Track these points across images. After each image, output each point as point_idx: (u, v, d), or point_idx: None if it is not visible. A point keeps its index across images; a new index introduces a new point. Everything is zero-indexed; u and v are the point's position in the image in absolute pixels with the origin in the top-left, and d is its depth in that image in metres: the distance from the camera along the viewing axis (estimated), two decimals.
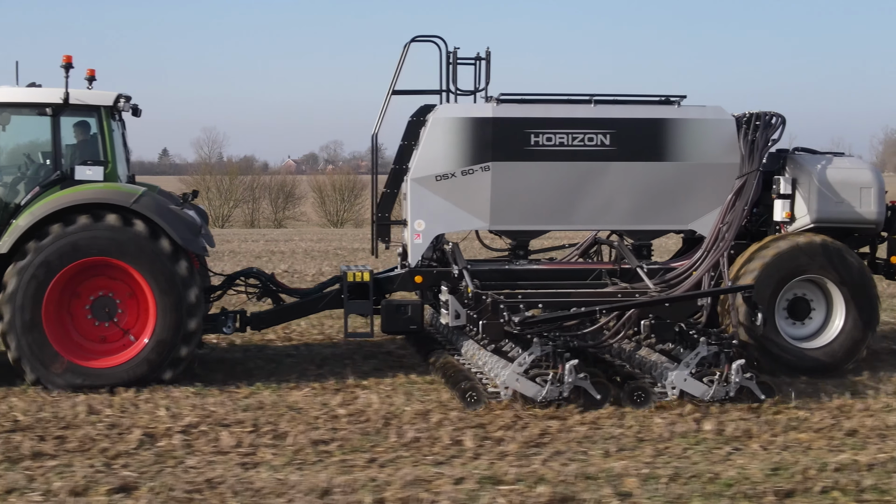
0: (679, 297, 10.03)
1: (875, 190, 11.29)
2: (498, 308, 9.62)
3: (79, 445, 8.20)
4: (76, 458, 7.90)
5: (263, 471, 7.57)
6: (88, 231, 10.01)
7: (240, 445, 8.22)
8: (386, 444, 8.31)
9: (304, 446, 8.21)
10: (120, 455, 7.97)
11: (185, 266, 10.12)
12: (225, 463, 7.79)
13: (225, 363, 11.56)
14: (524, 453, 8.10)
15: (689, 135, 11.14)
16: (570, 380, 9.37)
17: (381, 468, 7.70)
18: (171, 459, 7.87)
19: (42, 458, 7.86)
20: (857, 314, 10.95)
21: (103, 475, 7.42)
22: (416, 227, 11.03)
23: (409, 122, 11.32)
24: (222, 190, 46.12)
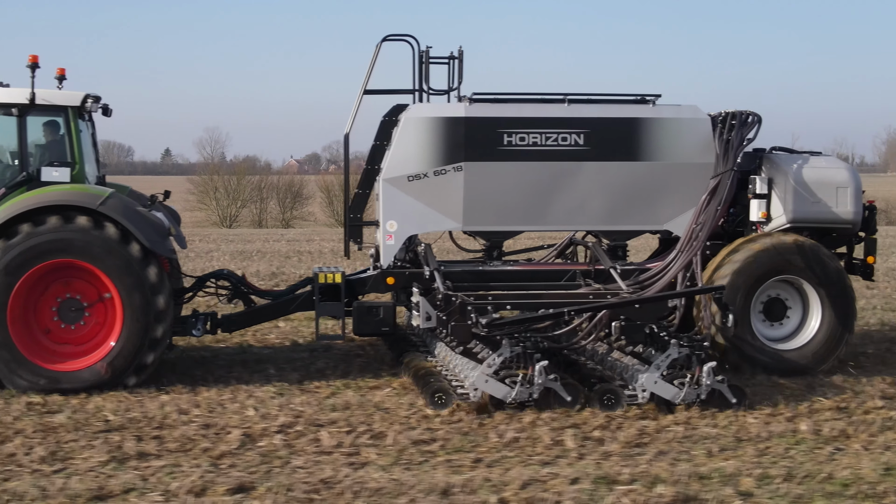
0: (648, 299, 9.91)
1: (851, 189, 11.18)
2: (465, 310, 9.51)
3: (180, 446, 8.27)
4: (181, 458, 7.96)
5: (373, 471, 7.65)
6: (54, 233, 9.88)
7: (341, 445, 8.29)
8: (488, 445, 8.37)
9: (406, 446, 8.28)
10: (224, 455, 8.03)
11: (155, 272, 9.99)
12: (331, 463, 7.86)
13: (294, 362, 11.55)
14: (628, 453, 8.17)
15: (663, 134, 11.03)
16: (539, 381, 9.27)
17: (488, 468, 7.77)
18: (276, 460, 7.94)
19: (147, 458, 7.93)
20: (833, 314, 10.85)
21: (214, 475, 7.50)
22: (388, 227, 10.93)
23: (382, 122, 11.23)
24: (230, 190, 45.95)
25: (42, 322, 10.17)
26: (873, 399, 9.88)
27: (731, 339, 10.63)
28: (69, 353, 10.17)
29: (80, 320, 10.22)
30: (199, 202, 47.02)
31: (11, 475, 7.51)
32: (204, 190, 47.00)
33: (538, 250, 13.19)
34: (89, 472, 7.58)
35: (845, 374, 10.92)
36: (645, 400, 9.41)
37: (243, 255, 24.87)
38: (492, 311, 9.60)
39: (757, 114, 11.17)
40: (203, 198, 46.80)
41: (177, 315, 11.27)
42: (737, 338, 10.65)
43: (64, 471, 7.61)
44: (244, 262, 22.75)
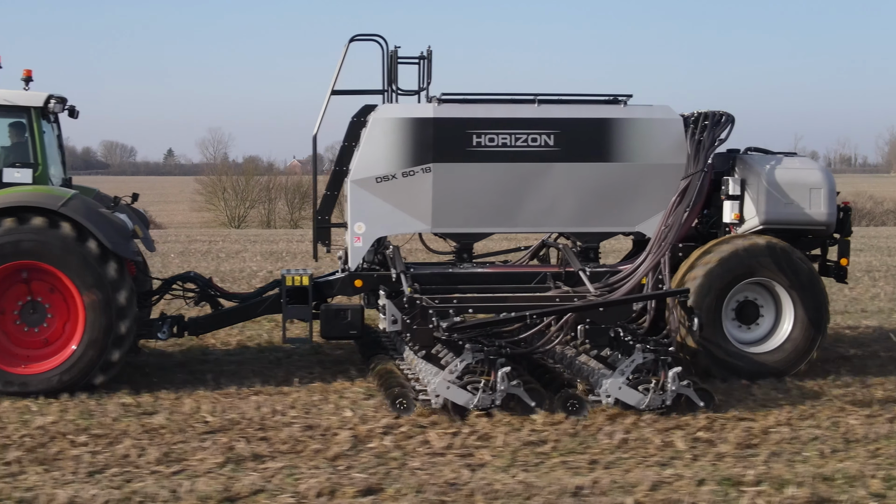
0: (611, 302, 9.77)
1: (825, 191, 11.03)
2: (426, 313, 9.39)
3: (290, 447, 8.29)
4: (295, 459, 7.98)
5: (492, 472, 7.66)
6: (15, 235, 9.78)
7: (451, 447, 8.28)
8: (599, 446, 8.38)
9: (518, 448, 8.28)
10: (339, 457, 8.05)
11: (114, 268, 9.89)
12: (449, 464, 7.86)
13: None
14: (741, 455, 8.19)
15: (635, 135, 10.89)
16: (502, 387, 9.15)
17: (606, 470, 7.78)
18: (391, 461, 7.95)
19: (263, 460, 7.96)
20: (805, 317, 10.71)
21: (336, 477, 7.52)
22: (356, 229, 10.81)
23: (351, 123, 11.11)
24: (238, 190, 45.91)
25: (5, 326, 10.08)
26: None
27: (702, 343, 10.50)
28: (34, 356, 10.07)
29: (43, 322, 10.12)
30: (208, 202, 47.05)
31: (133, 476, 7.56)
32: (212, 190, 46.98)
33: (515, 252, 13.10)
34: (208, 473, 7.63)
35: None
36: (609, 406, 9.29)
37: (274, 255, 24.61)
38: (453, 314, 9.47)
39: (729, 114, 11.03)
40: (211, 198, 46.80)
41: (145, 318, 11.20)
42: (708, 341, 10.52)
43: (183, 472, 7.66)
44: (277, 262, 22.70)
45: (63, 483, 7.36)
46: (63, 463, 7.84)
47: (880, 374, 11.13)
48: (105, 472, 7.62)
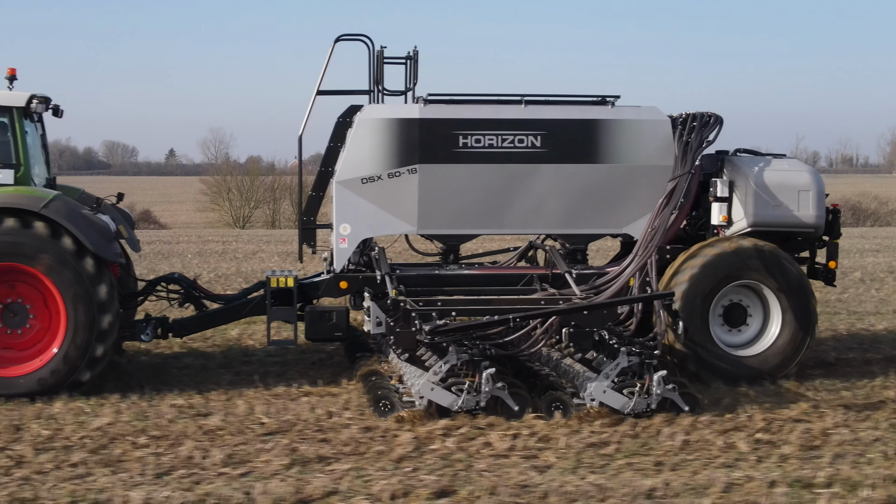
0: (596, 305, 9.69)
1: (813, 193, 10.96)
2: (409, 316, 9.31)
3: (353, 449, 8.29)
4: (361, 461, 7.98)
5: (559, 474, 7.66)
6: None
7: (514, 449, 8.27)
8: (662, 448, 8.37)
9: (582, 450, 8.29)
10: (404, 458, 8.03)
11: (91, 263, 9.81)
12: (514, 466, 7.86)
13: None
14: (804, 456, 8.20)
15: (622, 136, 10.82)
16: (486, 389, 9.08)
17: (674, 471, 7.78)
18: (457, 463, 7.94)
19: (328, 462, 7.95)
20: (793, 320, 10.63)
21: (405, 478, 7.52)
22: (342, 231, 10.74)
23: (337, 123, 11.04)
24: (243, 191, 45.88)
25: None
26: None
27: (689, 346, 10.43)
28: (17, 357, 10.01)
29: (26, 324, 10.04)
30: (212, 202, 47.03)
31: (201, 478, 7.55)
32: (217, 190, 46.98)
33: (504, 253, 13.02)
34: (275, 475, 7.62)
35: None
36: (594, 409, 9.21)
37: (291, 255, 24.43)
38: (436, 317, 9.40)
39: (718, 115, 10.97)
40: (216, 198, 46.79)
41: (130, 319, 11.12)
42: (695, 344, 10.45)
43: (250, 474, 7.65)
44: (296, 262, 22.42)
45: (132, 485, 7.39)
46: (129, 465, 7.87)
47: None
48: (172, 474, 7.64)
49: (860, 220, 46.22)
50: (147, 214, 44.85)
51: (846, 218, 45.34)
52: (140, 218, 43.78)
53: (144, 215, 44.58)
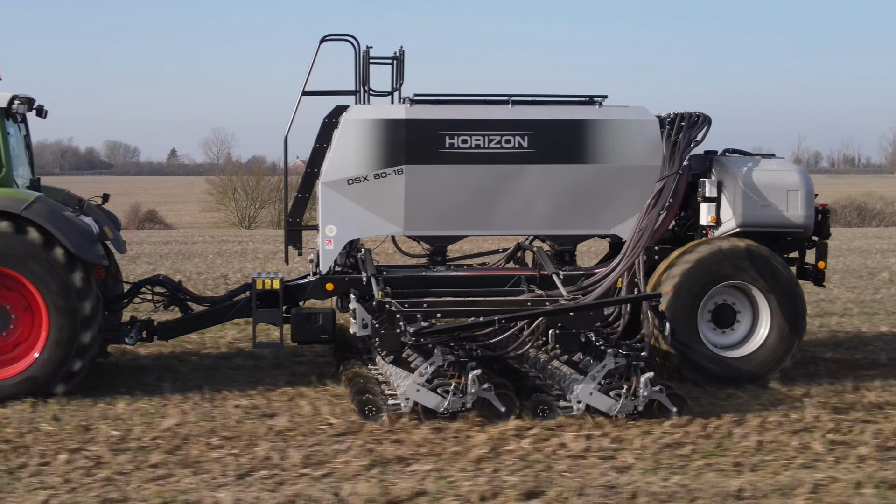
0: (582, 306, 9.61)
1: (802, 193, 10.89)
2: (394, 318, 9.24)
3: (429, 450, 8.25)
4: (440, 462, 7.95)
5: (641, 475, 7.65)
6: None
7: (589, 450, 8.27)
8: (739, 448, 8.38)
9: (658, 451, 8.28)
10: (483, 459, 8.00)
11: (80, 277, 9.70)
12: (594, 467, 7.85)
13: None
14: (883, 457, 8.18)
15: (610, 136, 10.76)
16: (473, 390, 9.01)
17: (754, 472, 7.77)
18: (536, 464, 7.93)
19: (408, 463, 7.93)
20: (782, 321, 10.56)
21: (490, 479, 7.51)
22: (328, 232, 10.66)
23: (323, 124, 10.96)
24: (248, 191, 45.80)
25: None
26: None
27: (677, 347, 10.36)
28: None
29: (9, 325, 9.94)
30: (218, 203, 46.97)
31: (283, 479, 7.53)
32: (223, 191, 46.90)
33: (494, 254, 12.95)
34: (357, 476, 7.61)
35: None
36: (580, 411, 9.14)
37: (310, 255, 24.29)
38: (421, 319, 9.32)
39: (706, 115, 10.90)
40: (222, 198, 46.72)
41: (115, 322, 11.03)
42: (684, 345, 10.38)
43: (332, 475, 7.63)
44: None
45: (217, 486, 7.37)
46: (208, 465, 7.85)
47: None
48: (253, 475, 7.62)
49: (866, 220, 46.29)
50: (153, 214, 44.86)
51: (852, 218, 45.48)
52: (145, 218, 43.87)
53: (150, 215, 44.64)
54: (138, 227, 42.08)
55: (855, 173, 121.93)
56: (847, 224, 45.15)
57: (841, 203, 48.38)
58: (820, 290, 15.30)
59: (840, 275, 20.98)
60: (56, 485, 7.36)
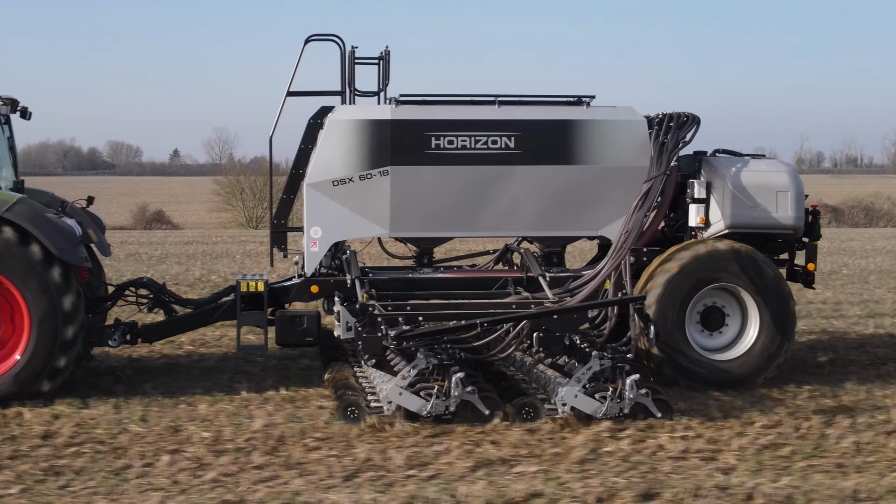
0: (566, 309, 9.50)
1: (792, 194, 10.78)
2: (375, 321, 9.14)
3: (529, 451, 8.23)
4: (543, 462, 7.94)
5: (747, 476, 7.63)
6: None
7: (688, 451, 8.26)
8: (837, 450, 8.35)
9: (757, 451, 8.27)
10: (585, 461, 8.00)
11: (59, 272, 9.62)
12: (697, 468, 7.83)
13: None
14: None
15: (598, 137, 10.66)
16: (456, 393, 8.91)
17: (859, 473, 7.74)
18: (639, 465, 7.92)
19: (510, 464, 7.90)
20: (771, 324, 10.45)
21: (604, 480, 7.50)
22: (313, 234, 10.57)
23: (308, 125, 10.88)
24: (256, 191, 45.81)
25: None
26: None
27: (665, 350, 10.26)
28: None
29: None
30: (226, 203, 46.95)
31: (392, 480, 7.50)
32: (230, 191, 46.87)
33: (484, 255, 12.84)
34: (462, 477, 7.57)
35: None
36: (565, 414, 9.03)
37: None
38: (402, 322, 9.22)
39: (694, 115, 10.80)
40: (229, 198, 46.67)
41: (99, 324, 10.95)
42: (672, 348, 10.28)
43: (439, 476, 7.59)
44: None
45: (326, 487, 7.35)
46: (311, 467, 7.82)
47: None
48: (360, 477, 7.58)
49: (873, 220, 46.24)
50: (160, 215, 44.84)
51: (860, 219, 45.37)
52: (153, 218, 43.89)
53: (157, 216, 44.62)
54: (146, 227, 42.09)
55: (857, 174, 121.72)
56: (854, 224, 45.14)
57: (848, 203, 48.38)
58: (862, 292, 15.28)
59: (876, 275, 21.06)
60: (165, 486, 7.35)
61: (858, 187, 60.37)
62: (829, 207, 47.18)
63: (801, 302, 15.03)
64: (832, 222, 45.68)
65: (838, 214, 47.10)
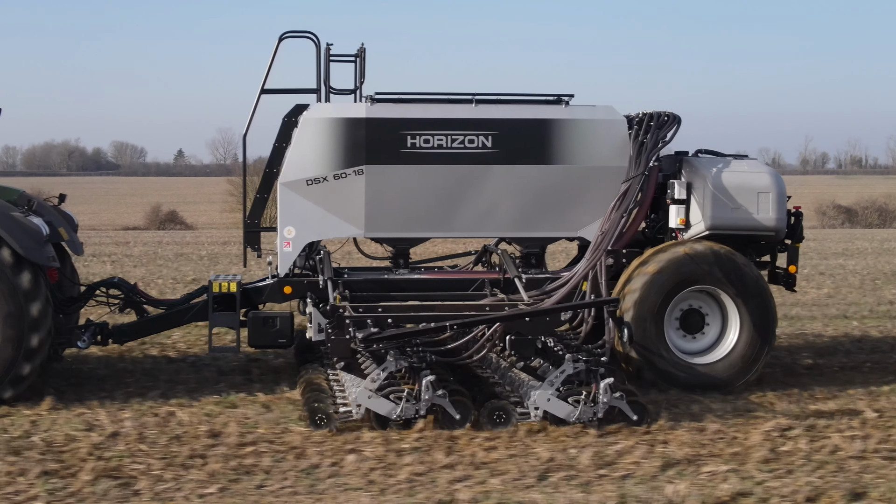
0: (537, 312, 9.31)
1: (774, 195, 10.58)
2: (343, 323, 8.96)
3: (708, 451, 8.17)
4: (729, 462, 7.87)
5: None
6: None
7: (866, 451, 8.22)
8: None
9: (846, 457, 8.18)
10: (769, 460, 7.91)
11: (28, 278, 9.43)
12: (885, 467, 7.83)
13: None
14: None
15: (577, 136, 10.49)
16: (426, 397, 8.73)
17: None
18: (825, 464, 7.88)
19: (696, 464, 7.83)
20: (751, 327, 10.26)
21: (814, 480, 7.45)
22: (286, 234, 10.40)
23: (283, 123, 10.73)
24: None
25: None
26: None
27: (643, 353, 10.08)
28: None
29: None
30: (239, 203, 46.82)
31: (587, 480, 7.47)
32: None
33: (467, 256, 12.67)
34: (655, 477, 7.54)
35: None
36: (538, 418, 8.85)
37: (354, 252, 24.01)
38: (371, 324, 9.04)
39: (675, 114, 10.64)
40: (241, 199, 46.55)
41: (71, 325, 10.77)
42: (650, 351, 10.10)
43: (631, 476, 7.57)
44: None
45: (524, 487, 7.31)
46: (500, 466, 7.76)
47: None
48: (552, 476, 7.54)
49: (887, 221, 46.13)
50: (174, 215, 44.73)
51: (873, 220, 45.21)
52: (166, 218, 43.65)
53: (171, 216, 44.46)
54: (159, 227, 41.91)
55: (862, 174, 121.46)
56: (868, 225, 45.01)
57: (861, 204, 48.25)
58: None
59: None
60: (363, 486, 7.32)
61: (867, 188, 60.14)
62: (842, 208, 47.05)
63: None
64: (845, 223, 45.51)
65: (852, 215, 46.99)
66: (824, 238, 33.22)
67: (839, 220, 46.07)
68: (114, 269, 21.11)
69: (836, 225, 45.10)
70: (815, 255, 25.95)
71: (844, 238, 33.57)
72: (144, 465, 7.70)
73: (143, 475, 7.48)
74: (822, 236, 34.32)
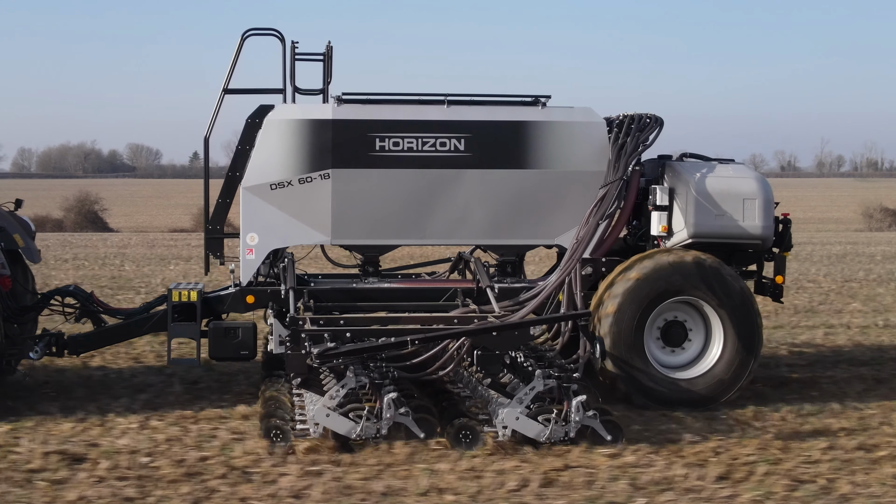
0: (504, 326, 8.80)
1: (760, 201, 10.07)
2: (299, 338, 8.48)
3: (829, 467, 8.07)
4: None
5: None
6: None
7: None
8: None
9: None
10: None
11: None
12: None
13: None
14: None
15: (553, 139, 10.01)
16: (388, 415, 8.26)
17: None
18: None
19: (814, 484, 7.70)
20: (736, 340, 9.75)
21: None
22: (249, 241, 9.93)
23: (246, 125, 10.21)
24: None
25: None
26: None
27: (622, 368, 9.58)
28: None
29: None
30: None
31: (710, 496, 7.38)
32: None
33: (446, 263, 12.18)
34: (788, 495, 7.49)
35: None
36: (507, 437, 8.36)
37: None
38: (328, 339, 8.55)
39: (657, 116, 10.15)
40: None
41: (26, 335, 10.30)
42: (629, 365, 9.59)
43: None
44: None
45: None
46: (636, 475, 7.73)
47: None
48: (672, 489, 7.47)
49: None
50: None
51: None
52: None
53: None
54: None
55: (879, 177, 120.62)
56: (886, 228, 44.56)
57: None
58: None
59: None
60: None
61: (885, 191, 59.51)
62: (889, 211, 46.33)
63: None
64: (892, 226, 44.90)
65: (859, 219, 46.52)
66: None
67: (886, 223, 45.41)
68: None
69: (884, 228, 44.44)
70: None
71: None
72: None
73: None
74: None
